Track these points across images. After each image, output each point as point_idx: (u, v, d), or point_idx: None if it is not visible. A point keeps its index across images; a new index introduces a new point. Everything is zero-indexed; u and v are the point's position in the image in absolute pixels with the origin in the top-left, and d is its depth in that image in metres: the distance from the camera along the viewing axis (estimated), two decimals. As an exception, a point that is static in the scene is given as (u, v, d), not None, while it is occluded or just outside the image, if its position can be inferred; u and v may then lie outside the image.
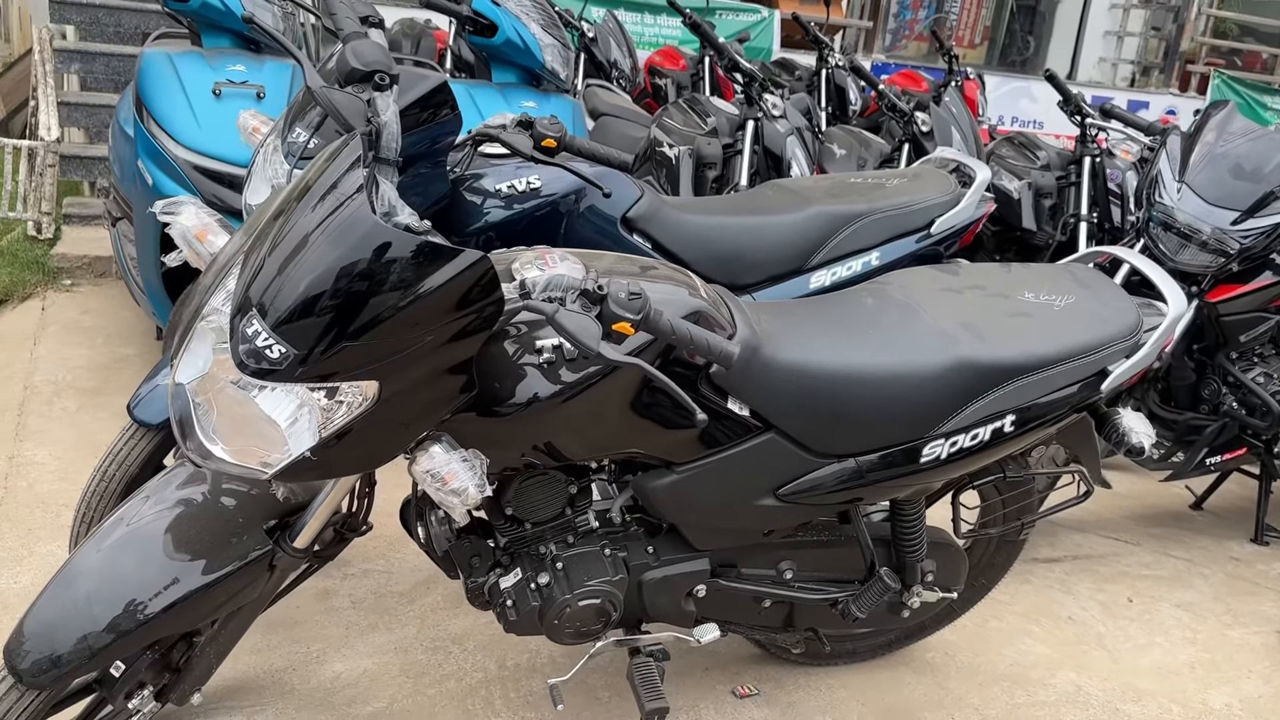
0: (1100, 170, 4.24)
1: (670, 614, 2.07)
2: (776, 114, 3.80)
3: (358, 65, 1.65)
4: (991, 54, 11.90)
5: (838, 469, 1.95)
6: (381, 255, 1.35)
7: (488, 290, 1.43)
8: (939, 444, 1.96)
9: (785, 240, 2.61)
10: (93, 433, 3.37)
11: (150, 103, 3.24)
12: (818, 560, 2.18)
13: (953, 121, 4.24)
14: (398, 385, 1.43)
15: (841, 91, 6.41)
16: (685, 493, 1.90)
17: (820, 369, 1.87)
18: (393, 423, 1.46)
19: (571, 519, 1.95)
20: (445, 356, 1.45)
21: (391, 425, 1.47)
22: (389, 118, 1.63)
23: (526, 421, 1.67)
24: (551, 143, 2.23)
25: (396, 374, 1.42)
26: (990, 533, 2.39)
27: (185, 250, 1.82)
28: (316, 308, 1.34)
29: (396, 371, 1.41)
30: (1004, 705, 2.55)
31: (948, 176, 2.86)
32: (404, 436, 1.50)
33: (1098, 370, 2.05)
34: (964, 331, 1.97)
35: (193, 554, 1.66)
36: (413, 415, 1.48)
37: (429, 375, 1.46)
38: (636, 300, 1.51)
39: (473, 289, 1.42)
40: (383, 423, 1.45)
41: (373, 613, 2.60)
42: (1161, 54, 11.29)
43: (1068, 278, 2.19)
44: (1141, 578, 3.30)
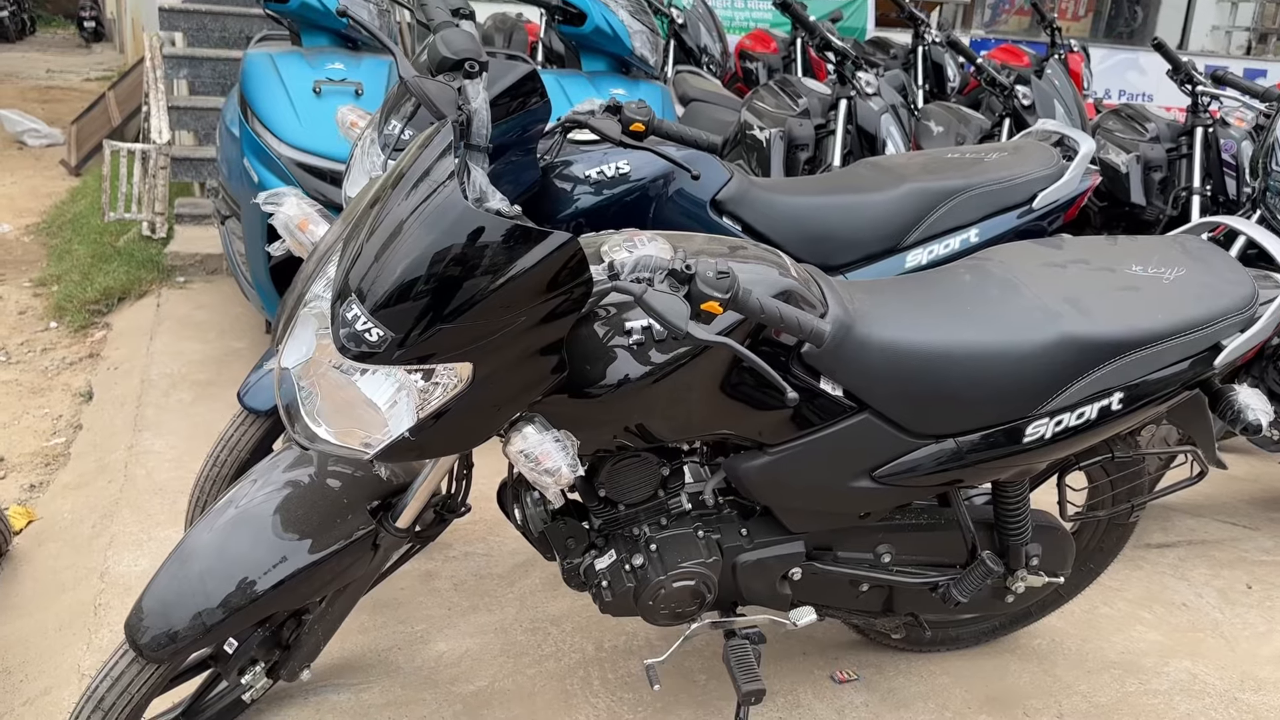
0: (1214, 141, 4.06)
1: (765, 597, 2.06)
2: (870, 92, 3.73)
3: (448, 54, 1.68)
4: (1097, 26, 11.48)
5: (936, 450, 1.91)
6: (473, 239, 1.37)
7: (577, 272, 1.44)
8: (1043, 423, 1.91)
9: (879, 218, 2.57)
10: (207, 423, 3.50)
11: (254, 103, 3.34)
12: (917, 543, 2.14)
13: (1055, 95, 4.11)
14: (491, 367, 1.45)
15: (939, 69, 6.27)
16: (778, 474, 1.89)
17: (916, 347, 1.83)
18: (486, 403, 1.49)
19: (664, 501, 1.95)
20: (536, 338, 1.47)
21: (485, 406, 1.49)
22: (479, 105, 1.65)
23: (617, 403, 1.68)
24: (640, 127, 2.24)
25: (490, 356, 1.44)
26: (1098, 515, 2.31)
27: (288, 240, 1.88)
28: (412, 292, 1.37)
29: (490, 353, 1.44)
30: (1114, 693, 2.47)
31: (1050, 149, 2.77)
32: (498, 417, 1.52)
33: (1210, 345, 1.97)
34: (1068, 307, 1.91)
35: (300, 533, 1.72)
36: (506, 396, 1.50)
37: (521, 357, 1.47)
38: (725, 279, 1.50)
39: (562, 270, 1.43)
40: (477, 403, 1.48)
41: (474, 594, 2.65)
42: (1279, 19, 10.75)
43: (1178, 249, 2.10)
44: (1261, 564, 3.16)
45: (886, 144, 3.76)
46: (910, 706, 2.37)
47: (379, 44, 3.51)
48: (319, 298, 1.47)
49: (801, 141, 3.85)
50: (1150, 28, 11.23)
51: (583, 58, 3.55)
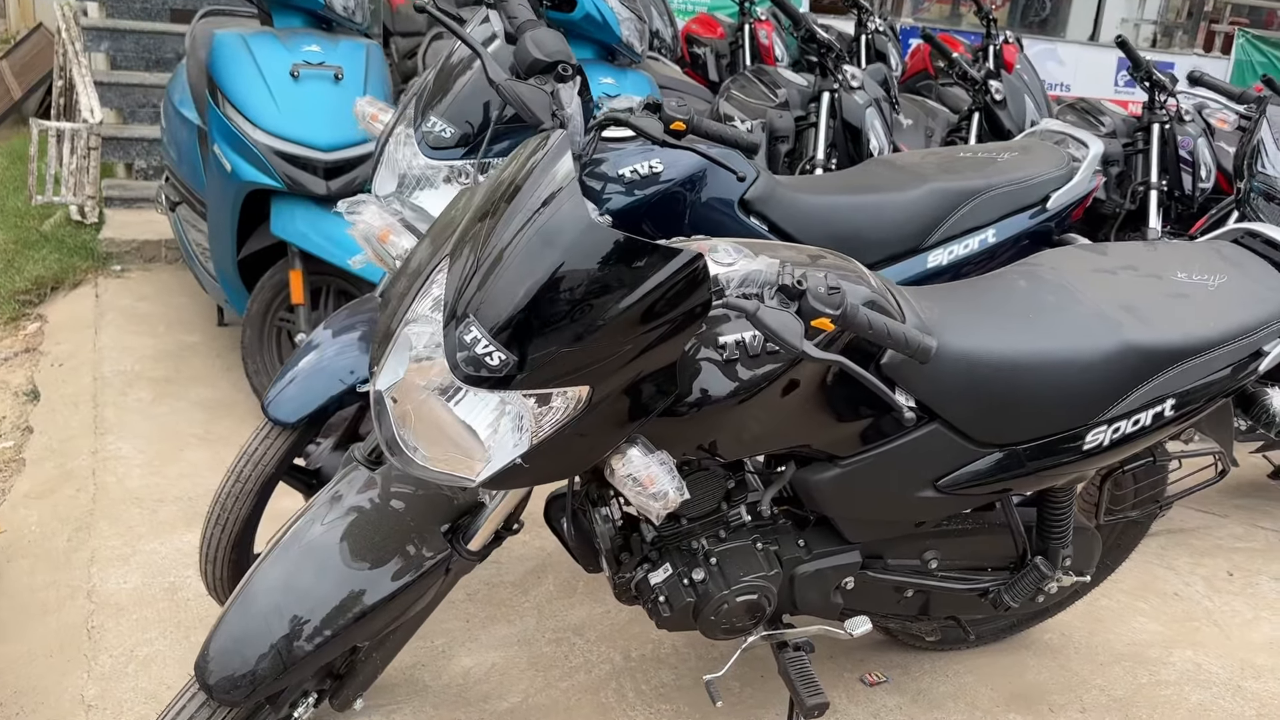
0: (1170, 137, 4.17)
1: (819, 607, 2.04)
2: (855, 85, 3.72)
3: (540, 56, 1.59)
4: (1014, 15, 11.76)
5: (998, 458, 1.91)
6: (602, 257, 1.30)
7: (700, 289, 1.38)
8: (1102, 430, 1.92)
9: (903, 218, 2.56)
10: (172, 424, 3.32)
11: (225, 86, 3.15)
12: (962, 549, 2.14)
13: (1025, 90, 4.17)
14: (608, 389, 1.38)
15: (882, 57, 6.32)
16: (848, 486, 1.86)
17: (989, 356, 1.82)
18: (601, 426, 1.42)
19: (725, 514, 1.91)
20: (655, 358, 1.40)
21: (599, 429, 1.42)
22: (574, 110, 1.57)
23: (700, 420, 1.62)
24: (680, 125, 2.16)
25: (607, 378, 1.37)
26: (1132, 515, 2.35)
27: (367, 250, 1.76)
28: (537, 314, 1.29)
29: (608, 376, 1.37)
30: (1129, 686, 2.53)
31: (1058, 150, 2.80)
32: (610, 440, 1.45)
33: (1254, 352, 2.01)
34: (1126, 314, 1.92)
35: (373, 562, 1.62)
36: (620, 419, 1.43)
37: (636, 378, 1.41)
38: (836, 294, 1.46)
39: (685, 288, 1.36)
40: (591, 427, 1.40)
41: (488, 604, 2.56)
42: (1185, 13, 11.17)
43: (1216, 256, 2.14)
44: (1236, 550, 3.28)
45: (870, 138, 3.76)
46: (943, 707, 2.38)
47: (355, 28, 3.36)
48: (423, 318, 1.38)
49: (782, 133, 3.83)
50: (1063, 18, 11.56)
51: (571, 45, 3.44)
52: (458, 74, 2.09)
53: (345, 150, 3.14)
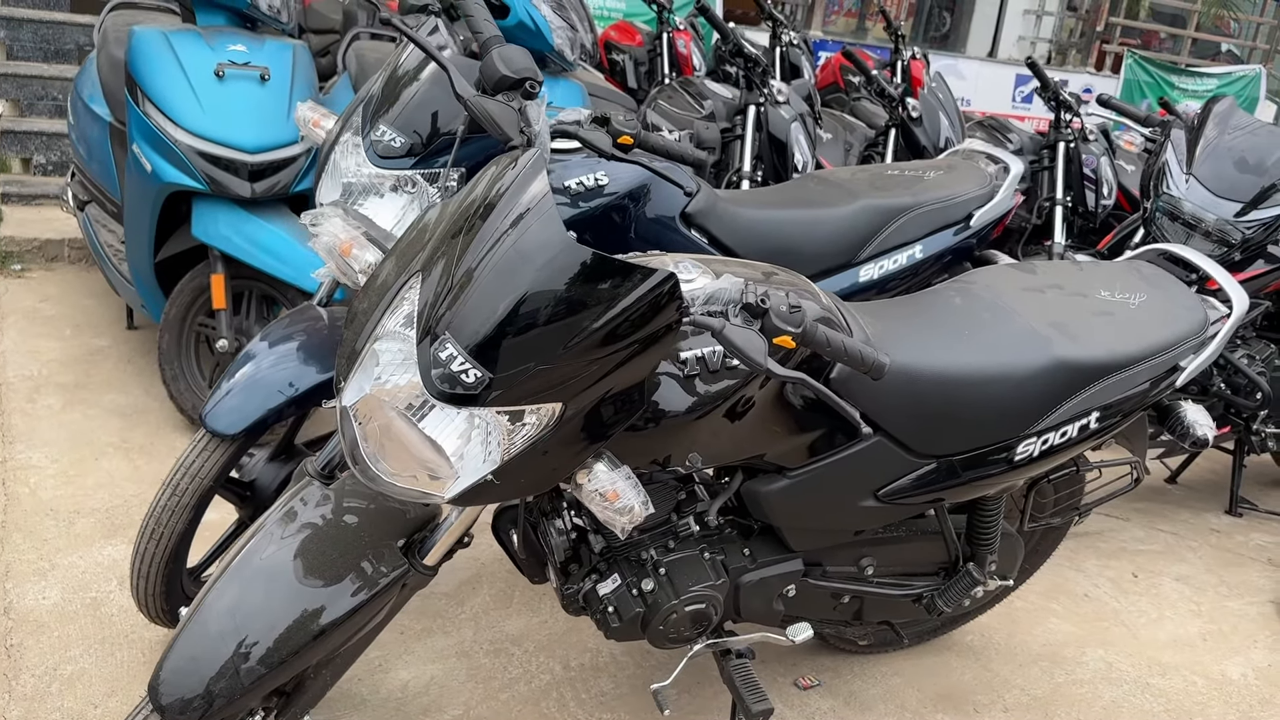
0: (1075, 155, 4.35)
1: (762, 614, 2.08)
2: (781, 100, 3.79)
3: (508, 72, 1.58)
4: (915, 31, 12.10)
5: (935, 469, 1.98)
6: (575, 276, 1.31)
7: (670, 306, 1.40)
8: (1032, 442, 2.01)
9: (837, 233, 2.62)
10: (85, 432, 3.20)
11: (146, 84, 3.06)
12: (897, 555, 2.21)
13: (940, 107, 4.30)
14: (580, 405, 1.39)
15: (795, 70, 6.44)
16: (795, 496, 1.91)
17: (929, 371, 1.89)
18: (571, 443, 1.43)
19: (674, 524, 1.94)
20: (626, 375, 1.42)
21: (569, 445, 1.43)
22: (541, 127, 1.57)
23: (658, 435, 1.65)
24: (628, 139, 2.19)
25: (581, 394, 1.38)
26: (1054, 522, 2.45)
27: (329, 264, 1.73)
28: (513, 331, 1.30)
29: (581, 391, 1.38)
30: (1047, 685, 2.64)
31: (982, 169, 2.91)
32: (580, 456, 1.47)
33: (1171, 367, 2.12)
34: (1055, 331, 2.01)
35: (329, 581, 1.60)
36: (589, 435, 1.45)
37: (609, 393, 1.42)
38: (797, 313, 1.50)
39: (658, 306, 1.38)
40: (561, 443, 1.41)
41: (424, 616, 2.54)
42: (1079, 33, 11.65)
43: (1136, 275, 2.25)
44: (1139, 553, 3.45)
45: (795, 151, 3.83)
46: (874, 709, 2.45)
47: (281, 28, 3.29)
48: (395, 334, 1.37)
49: (708, 145, 3.88)
50: (963, 34, 11.94)
51: (500, 51, 3.43)
52: (406, 82, 2.07)
53: (271, 152, 3.08)
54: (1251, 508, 3.87)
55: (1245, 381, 3.42)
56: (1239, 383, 3.45)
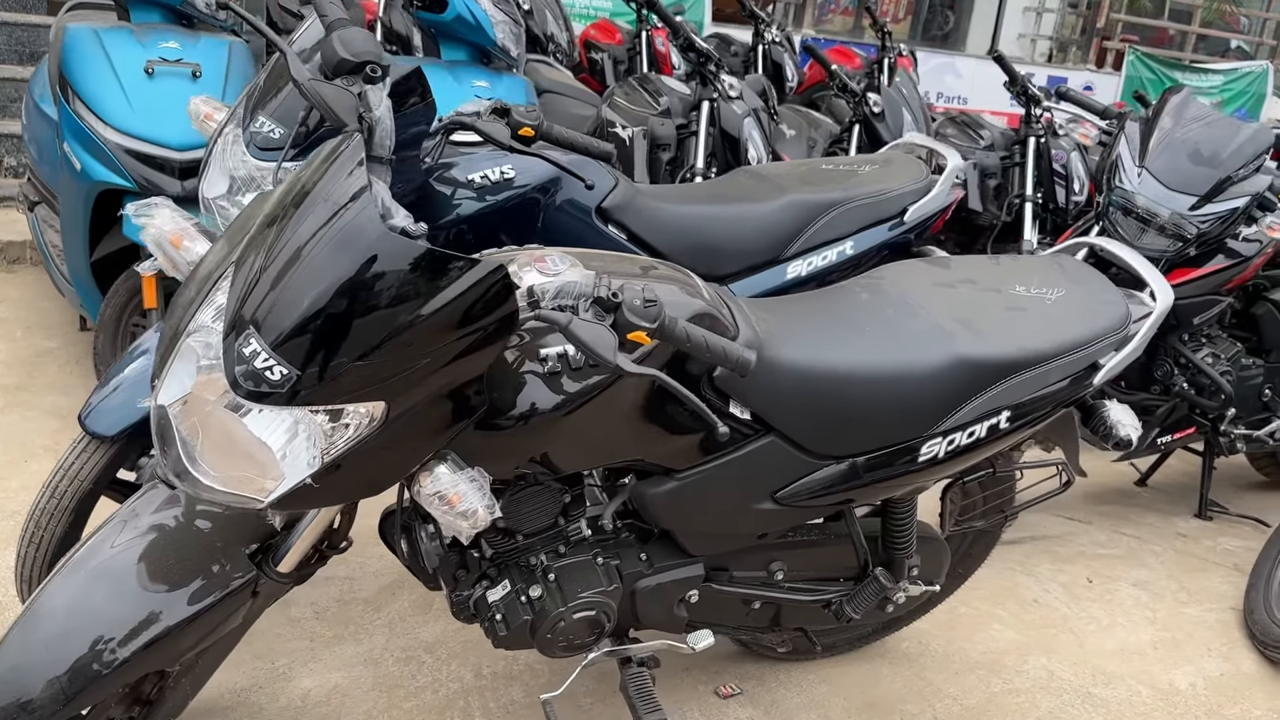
0: (1045, 151, 4.26)
1: (662, 621, 2.02)
2: (733, 95, 3.72)
3: (347, 56, 1.53)
4: (915, 28, 11.99)
5: (835, 470, 1.90)
6: (392, 267, 1.25)
7: (502, 301, 1.34)
8: (937, 442, 1.93)
9: (763, 229, 2.55)
10: (20, 434, 3.17)
11: (77, 82, 3.02)
12: (808, 560, 2.14)
13: (903, 103, 4.22)
14: (406, 405, 1.33)
15: (778, 68, 6.36)
16: (685, 499, 1.84)
17: (823, 369, 1.82)
18: (400, 445, 1.37)
19: (564, 528, 1.87)
20: (457, 372, 1.36)
21: (398, 447, 1.37)
22: (382, 112, 1.51)
23: (526, 434, 1.59)
24: (529, 131, 2.13)
25: (406, 393, 1.32)
26: (976, 526, 2.38)
27: (159, 256, 1.68)
28: (322, 326, 1.24)
29: (406, 391, 1.32)
30: (982, 694, 2.56)
31: (919, 163, 2.83)
32: (410, 458, 1.41)
33: (1090, 364, 2.04)
34: (961, 328, 1.94)
35: (172, 585, 1.54)
36: (421, 436, 1.39)
37: (439, 393, 1.36)
38: (652, 308, 1.44)
39: (488, 300, 1.32)
40: (389, 445, 1.35)
41: (338, 623, 2.48)
42: (1079, 30, 11.51)
43: (1056, 270, 2.17)
44: (1097, 557, 3.35)
45: (748, 147, 3.76)
46: (795, 718, 2.38)
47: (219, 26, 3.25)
48: (205, 328, 1.31)
49: (663, 141, 3.82)
50: (963, 32, 11.82)
51: (442, 46, 3.39)
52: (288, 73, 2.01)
53: (200, 150, 3.02)
54: (1222, 511, 3.77)
55: (1209, 381, 3.32)
56: (1203, 383, 3.36)
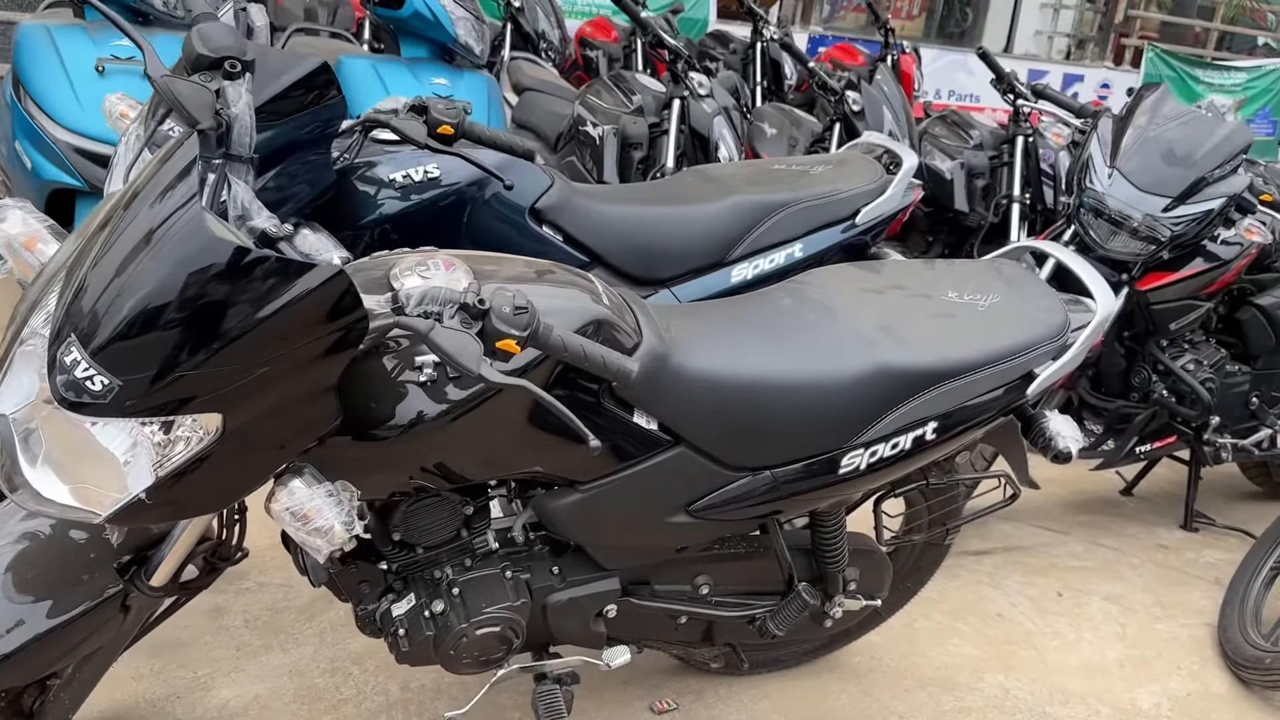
0: (1033, 150, 4.16)
1: (578, 636, 1.95)
2: (703, 93, 3.65)
3: (205, 51, 1.47)
4: (930, 26, 11.85)
5: (752, 482, 1.83)
6: (220, 271, 1.19)
7: (347, 308, 1.28)
8: (858, 454, 1.85)
9: (705, 232, 2.48)
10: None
11: (28, 80, 3.00)
12: (736, 573, 2.07)
13: (884, 100, 4.13)
14: (246, 416, 1.27)
15: (777, 66, 6.28)
16: (590, 513, 1.77)
17: (732, 378, 1.75)
18: (242, 458, 1.31)
19: (469, 541, 1.81)
20: (302, 382, 1.30)
21: (241, 461, 1.31)
22: (241, 109, 1.46)
23: (410, 444, 1.53)
24: (448, 129, 2.07)
25: (244, 404, 1.26)
26: (915, 539, 2.29)
27: (10, 260, 1.63)
28: (144, 332, 1.18)
29: (243, 401, 1.26)
30: (930, 712, 2.47)
31: (874, 163, 2.74)
32: (257, 473, 1.35)
33: (1024, 374, 1.96)
34: (883, 335, 1.86)
35: (37, 595, 1.50)
36: (266, 449, 1.33)
37: (283, 403, 1.30)
38: (523, 315, 1.37)
39: (330, 307, 1.26)
40: (230, 459, 1.29)
41: (267, 631, 2.44)
42: (1096, 27, 11.32)
43: (994, 275, 2.08)
44: (1071, 569, 3.25)
45: (719, 147, 3.69)
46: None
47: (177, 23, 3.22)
48: (37, 334, 1.26)
49: (636, 140, 3.75)
50: (980, 30, 11.66)
51: (402, 43, 3.34)
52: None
53: (152, 149, 3.00)
54: (1208, 522, 3.65)
55: (1188, 389, 3.22)
56: (1182, 390, 3.25)
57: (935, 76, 9.31)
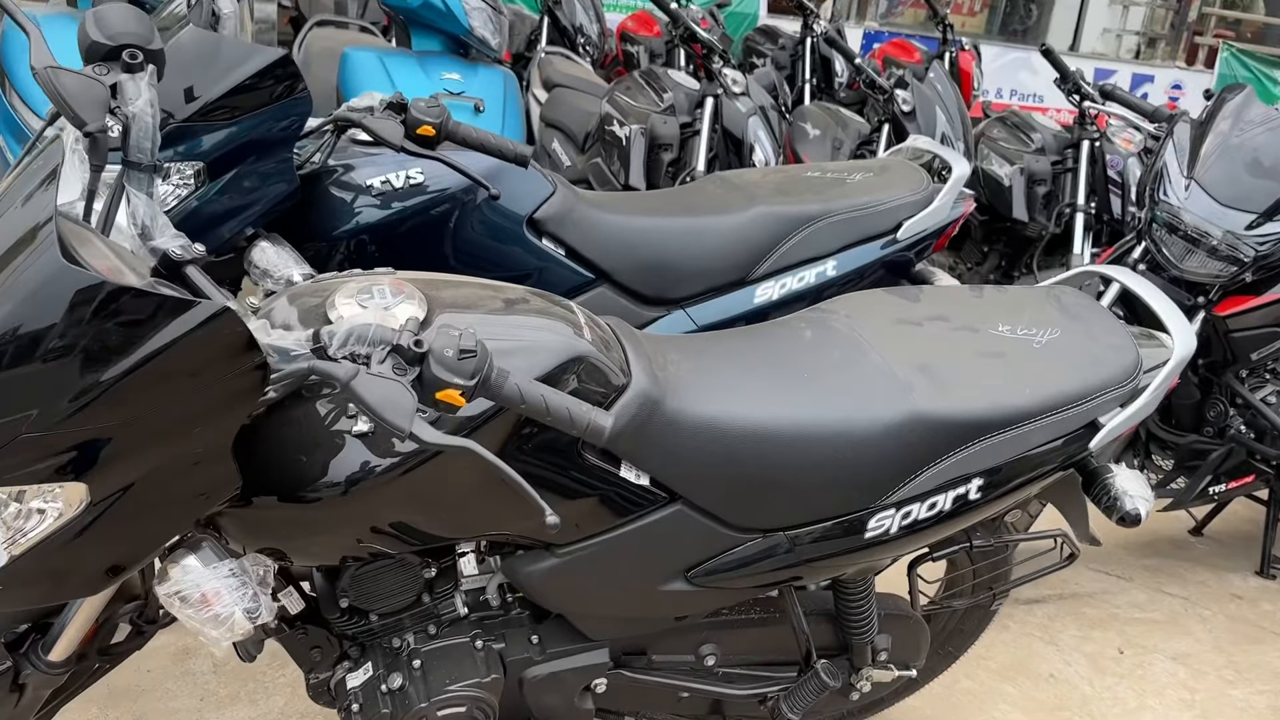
0: (1099, 156, 3.84)
1: (563, 714, 1.70)
2: (737, 91, 3.38)
3: (99, 38, 1.25)
4: (992, 22, 11.42)
5: (762, 545, 1.57)
6: (79, 311, 0.96)
7: (237, 352, 1.04)
8: (888, 515, 1.59)
9: (725, 246, 2.22)
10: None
11: (11, 71, 2.84)
12: (748, 642, 1.81)
13: (937, 100, 3.83)
14: (115, 484, 1.04)
15: (827, 63, 5.99)
16: (570, 579, 1.53)
17: (738, 426, 1.49)
18: (115, 533, 1.08)
19: (432, 606, 1.57)
20: (185, 443, 1.07)
21: (121, 534, 1.08)
22: (141, 108, 1.23)
23: (352, 504, 1.30)
24: (429, 130, 1.84)
25: (110, 470, 1.03)
26: (955, 605, 2.01)
27: None
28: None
29: (110, 467, 1.03)
30: (970, 793, 2.19)
31: (920, 170, 2.46)
32: (143, 547, 1.12)
33: (1087, 423, 1.67)
34: (921, 377, 1.58)
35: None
36: (148, 521, 1.10)
37: (166, 468, 1.07)
38: (469, 360, 1.13)
39: (216, 352, 1.03)
40: (106, 532, 1.06)
41: (236, 679, 2.22)
42: (1168, 24, 10.81)
43: (1053, 305, 1.80)
44: (1134, 621, 2.94)
45: (754, 149, 3.42)
46: (739, 818, 2.04)
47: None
48: None
49: (665, 141, 3.49)
50: (1044, 27, 11.21)
51: (413, 35, 3.12)
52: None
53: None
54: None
55: (1269, 425, 2.89)
56: (1262, 426, 2.92)
57: (996, 75, 8.92)
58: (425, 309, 1.30)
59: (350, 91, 2.96)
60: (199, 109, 1.67)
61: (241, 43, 1.73)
